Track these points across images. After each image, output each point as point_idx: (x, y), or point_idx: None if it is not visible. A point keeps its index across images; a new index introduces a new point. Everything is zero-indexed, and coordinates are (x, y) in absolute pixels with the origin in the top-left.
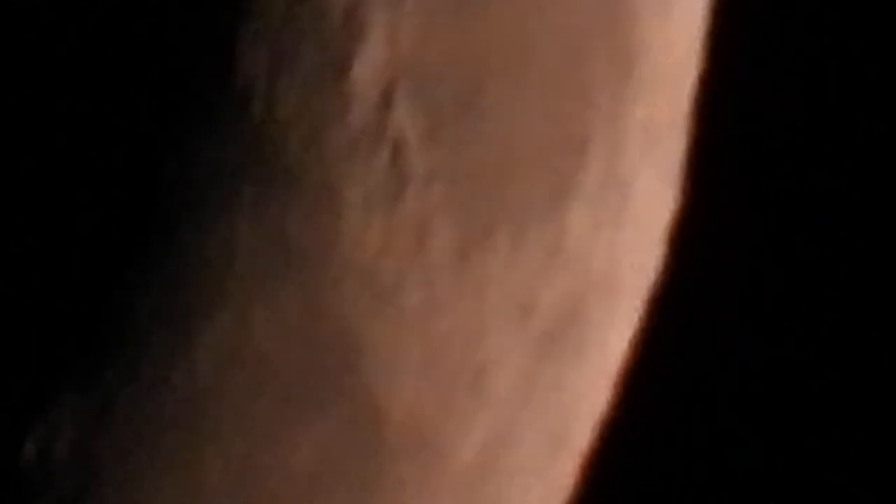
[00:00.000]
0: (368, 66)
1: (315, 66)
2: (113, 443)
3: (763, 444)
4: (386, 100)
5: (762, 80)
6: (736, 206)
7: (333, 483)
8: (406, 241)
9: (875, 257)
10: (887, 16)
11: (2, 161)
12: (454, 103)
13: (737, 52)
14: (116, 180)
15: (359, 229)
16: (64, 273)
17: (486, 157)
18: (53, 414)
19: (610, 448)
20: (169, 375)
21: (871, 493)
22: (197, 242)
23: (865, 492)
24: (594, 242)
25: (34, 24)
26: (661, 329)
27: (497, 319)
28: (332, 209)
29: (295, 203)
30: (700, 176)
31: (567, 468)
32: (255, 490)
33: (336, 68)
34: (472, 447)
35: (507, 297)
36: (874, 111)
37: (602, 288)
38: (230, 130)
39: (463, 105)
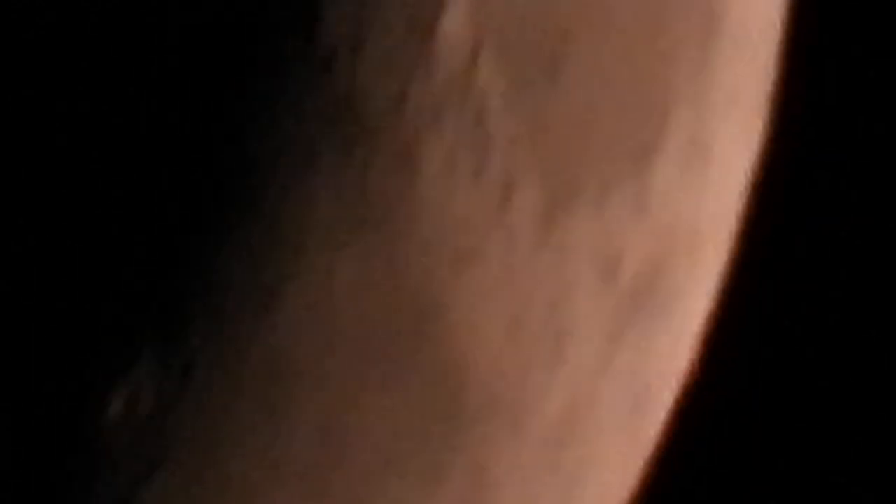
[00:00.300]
0: (455, 27)
1: (400, 28)
2: (196, 401)
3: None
4: (471, 61)
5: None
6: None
7: (413, 445)
8: (489, 202)
9: None
10: None
11: (89, 121)
12: (538, 65)
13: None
14: (201, 142)
15: (441, 189)
16: (150, 234)
17: (570, 118)
18: (138, 372)
19: (691, 409)
20: (251, 335)
21: None
22: (280, 203)
23: None
24: (678, 202)
25: None
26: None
27: (580, 281)
28: (414, 169)
29: (377, 164)
30: (778, 141)
31: (649, 429)
32: (336, 450)
33: (422, 30)
34: (554, 409)
35: (590, 258)
36: None
37: (685, 247)
38: (312, 93)
39: (547, 67)
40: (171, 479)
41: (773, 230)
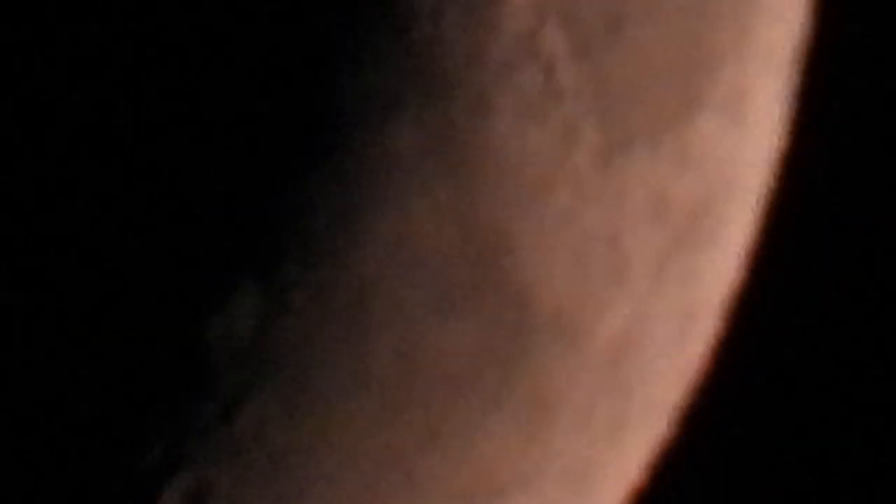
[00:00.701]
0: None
1: None
2: (290, 329)
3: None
4: (539, 21)
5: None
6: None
7: (486, 366)
8: (555, 147)
9: None
10: None
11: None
12: (599, 24)
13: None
14: (294, 90)
15: (512, 136)
16: (248, 171)
17: (628, 72)
18: (236, 299)
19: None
20: (340, 268)
21: None
22: (365, 147)
23: None
24: (720, 147)
25: None
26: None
27: (636, 216)
28: (488, 118)
29: (453, 112)
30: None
31: (696, 350)
32: (416, 374)
33: None
34: (609, 331)
35: (644, 196)
36: None
37: (726, 187)
38: (393, 49)
39: (607, 26)
40: (265, 395)
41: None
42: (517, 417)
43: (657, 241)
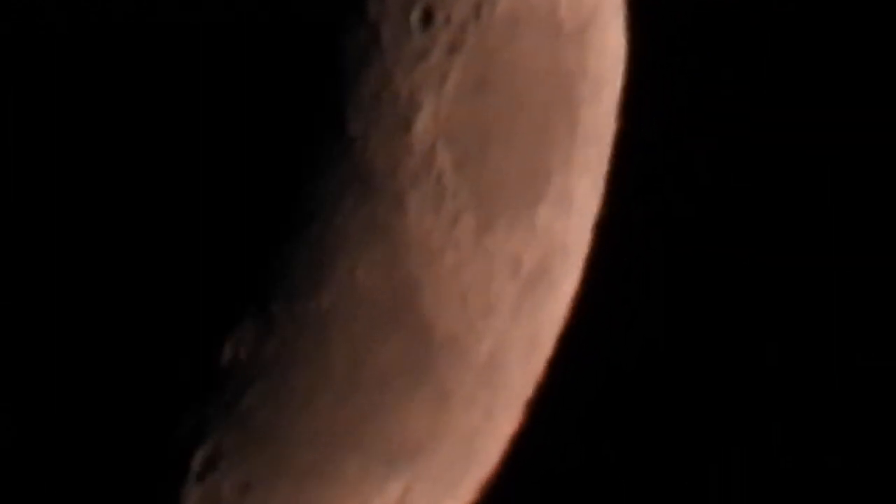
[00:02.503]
0: (423, 126)
1: (393, 126)
2: (277, 346)
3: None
4: (433, 143)
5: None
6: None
7: (406, 371)
8: (446, 225)
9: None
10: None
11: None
12: (474, 148)
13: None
14: (271, 185)
15: (418, 221)
16: (249, 240)
17: (493, 179)
18: (242, 327)
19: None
20: (309, 306)
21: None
22: (326, 225)
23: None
24: (554, 227)
25: None
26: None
27: (499, 270)
28: (403, 209)
29: (380, 205)
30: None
31: (539, 365)
32: (361, 375)
33: (405, 127)
34: (485, 349)
35: (505, 258)
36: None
37: (560, 253)
38: (342, 166)
39: (479, 150)
40: (262, 388)
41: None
42: (427, 404)
43: (514, 290)
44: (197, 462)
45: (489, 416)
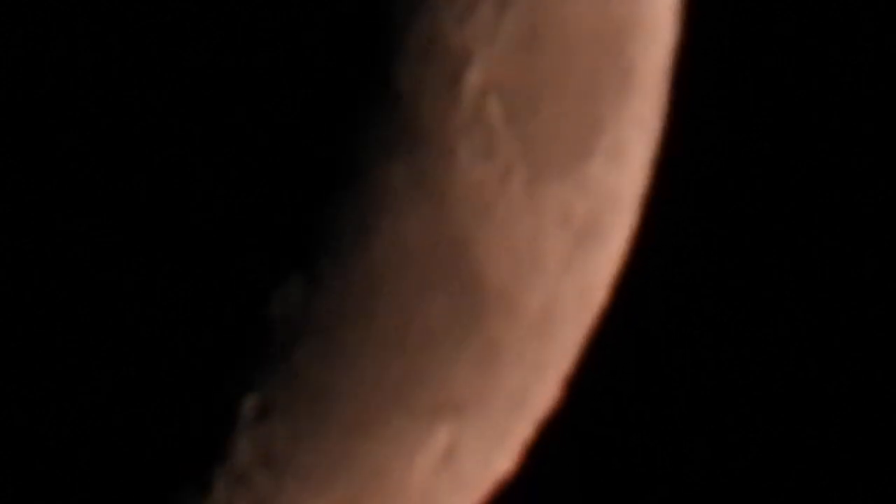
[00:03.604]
0: (473, 78)
1: (442, 79)
2: (325, 302)
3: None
4: (483, 96)
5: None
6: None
7: (454, 325)
8: (497, 178)
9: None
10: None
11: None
12: (525, 101)
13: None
14: (313, 140)
15: (469, 172)
16: (294, 197)
17: (544, 132)
18: (289, 285)
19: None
20: (357, 264)
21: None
22: (372, 179)
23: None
24: (606, 180)
25: None
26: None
27: (549, 223)
28: (453, 160)
29: (430, 156)
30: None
31: (592, 317)
32: (409, 330)
33: (454, 80)
34: (535, 303)
35: (555, 210)
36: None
37: (611, 206)
38: (389, 120)
39: (530, 102)
40: (310, 345)
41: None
42: (475, 359)
43: (565, 242)
44: (247, 412)
45: (539, 370)
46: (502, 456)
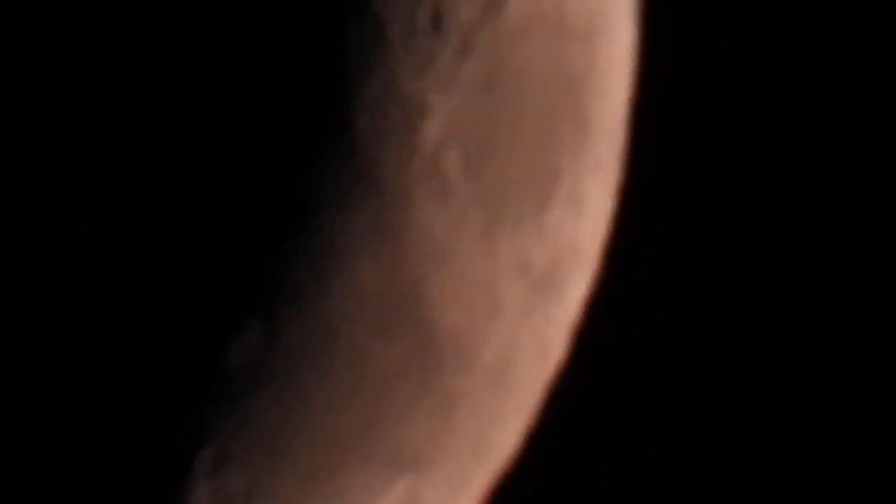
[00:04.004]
0: (429, 127)
1: (399, 127)
2: (282, 349)
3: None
4: (441, 145)
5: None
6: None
7: (409, 374)
8: (453, 225)
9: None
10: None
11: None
12: (482, 150)
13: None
14: (270, 185)
15: (426, 219)
16: (250, 245)
17: (501, 180)
18: (246, 332)
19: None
20: (314, 308)
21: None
22: (329, 224)
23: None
24: (564, 229)
25: None
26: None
27: (506, 272)
28: (411, 206)
29: (387, 202)
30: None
31: (549, 368)
32: (364, 379)
33: (413, 130)
34: (491, 351)
35: (513, 259)
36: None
37: (569, 256)
38: (348, 164)
39: (487, 151)
40: (267, 393)
41: (625, 250)
42: (433, 408)
43: (522, 291)
44: (203, 462)
45: (498, 418)
46: (463, 501)
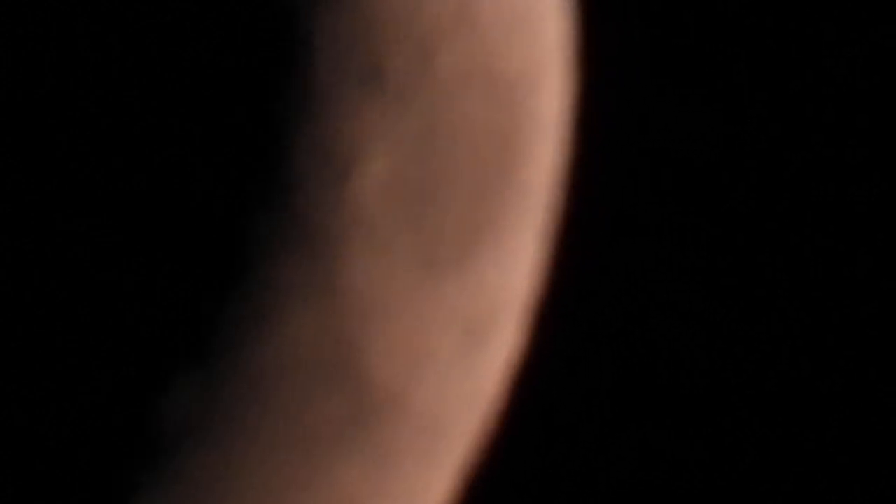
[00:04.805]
0: (361, 179)
1: (333, 175)
2: (217, 403)
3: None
4: (371, 198)
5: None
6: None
7: (344, 426)
8: (386, 275)
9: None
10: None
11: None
12: (415, 199)
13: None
14: (205, 236)
15: (359, 273)
16: (184, 297)
17: (431, 233)
18: (180, 384)
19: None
20: (249, 363)
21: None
22: (264, 277)
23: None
24: (495, 279)
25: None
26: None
27: (438, 321)
28: (344, 260)
29: (320, 255)
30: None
31: (482, 417)
32: (297, 433)
33: (343, 178)
34: (424, 401)
35: (445, 309)
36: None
37: (501, 305)
38: (281, 211)
39: (420, 201)
40: (204, 449)
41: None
42: (367, 460)
43: (454, 340)
44: None
45: (433, 464)
46: None
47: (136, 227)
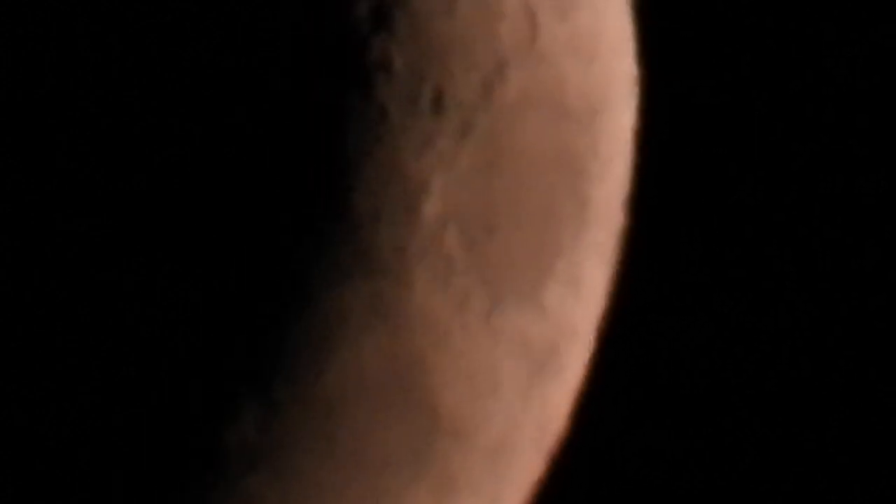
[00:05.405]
0: (429, 208)
1: (399, 207)
2: (280, 431)
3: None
4: (442, 226)
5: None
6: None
7: (408, 452)
8: (454, 305)
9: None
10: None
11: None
12: (482, 229)
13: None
14: (270, 266)
15: (426, 300)
16: (248, 326)
17: (501, 260)
18: (243, 412)
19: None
20: (313, 389)
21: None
22: (329, 304)
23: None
24: (563, 307)
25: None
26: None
27: (507, 351)
28: (410, 288)
29: (387, 283)
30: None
31: (548, 448)
32: (363, 459)
33: (412, 210)
34: (492, 434)
35: (513, 338)
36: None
37: (568, 335)
38: (349, 241)
39: (487, 230)
40: (266, 473)
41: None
42: (430, 487)
43: (522, 371)
44: None
45: (496, 497)
46: None
47: (203, 257)
